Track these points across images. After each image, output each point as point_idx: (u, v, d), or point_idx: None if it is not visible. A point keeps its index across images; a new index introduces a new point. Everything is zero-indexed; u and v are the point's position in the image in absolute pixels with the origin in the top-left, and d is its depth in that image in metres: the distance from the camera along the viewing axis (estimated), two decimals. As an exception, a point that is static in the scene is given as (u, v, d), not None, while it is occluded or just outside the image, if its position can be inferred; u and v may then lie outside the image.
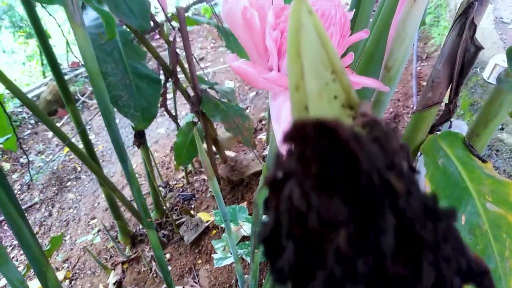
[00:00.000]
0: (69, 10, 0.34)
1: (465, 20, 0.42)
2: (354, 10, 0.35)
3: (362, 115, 0.08)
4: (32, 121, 2.91)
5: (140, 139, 1.18)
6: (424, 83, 2.15)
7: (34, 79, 3.27)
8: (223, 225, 0.69)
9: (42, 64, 3.17)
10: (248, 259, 0.79)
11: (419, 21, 0.29)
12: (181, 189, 1.87)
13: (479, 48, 0.42)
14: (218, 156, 1.70)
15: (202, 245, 1.49)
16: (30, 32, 3.18)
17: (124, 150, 0.47)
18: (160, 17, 2.82)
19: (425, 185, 0.48)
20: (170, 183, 1.94)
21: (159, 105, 0.88)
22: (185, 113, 2.64)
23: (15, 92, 0.86)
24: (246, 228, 0.85)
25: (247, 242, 0.83)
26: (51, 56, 0.98)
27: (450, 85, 0.46)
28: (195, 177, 1.91)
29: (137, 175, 2.20)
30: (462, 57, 0.43)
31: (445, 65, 0.44)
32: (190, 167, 1.92)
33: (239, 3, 0.29)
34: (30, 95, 2.99)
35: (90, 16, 0.81)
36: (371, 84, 0.30)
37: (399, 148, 0.08)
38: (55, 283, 0.68)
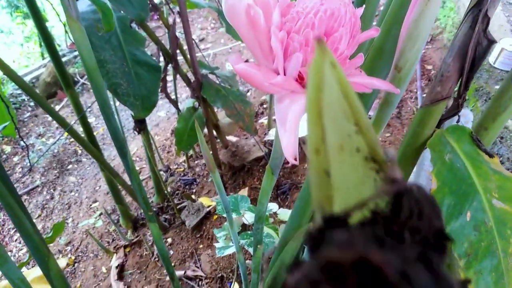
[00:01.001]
0: (64, 2, 0.32)
1: (478, 12, 0.40)
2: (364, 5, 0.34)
3: (391, 180, 0.07)
4: (32, 104, 2.88)
5: (140, 125, 1.17)
6: (428, 67, 2.11)
7: (32, 61, 3.23)
8: (225, 215, 0.69)
9: (41, 46, 3.12)
10: (250, 250, 0.79)
11: (432, 21, 0.27)
12: (182, 174, 1.87)
13: (492, 41, 0.41)
14: (219, 140, 1.69)
15: (204, 230, 1.50)
16: (27, 13, 3.11)
17: (124, 144, 0.46)
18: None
19: (431, 181, 0.48)
20: (171, 167, 1.93)
21: (159, 92, 0.86)
22: (185, 95, 2.62)
23: (13, 77, 0.84)
24: (247, 217, 0.85)
25: (249, 232, 0.83)
26: (48, 39, 0.96)
27: (460, 79, 0.45)
28: (196, 162, 1.90)
29: (137, 158, 2.20)
30: (473, 51, 0.42)
31: (456, 59, 0.43)
32: (191, 152, 1.91)
33: (242, 0, 0.27)
34: (29, 77, 2.95)
35: (86, 1, 0.78)
36: (381, 85, 0.29)
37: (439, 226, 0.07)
38: (57, 272, 0.68)
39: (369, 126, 0.08)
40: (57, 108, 2.78)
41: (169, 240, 1.55)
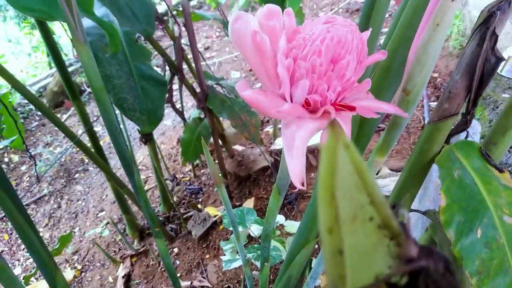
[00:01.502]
0: (71, 27, 0.32)
1: (486, 30, 0.40)
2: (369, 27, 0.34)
3: (406, 259, 0.07)
4: (39, 113, 2.91)
5: (146, 136, 1.17)
6: (434, 74, 2.10)
7: (40, 70, 3.27)
8: (231, 228, 0.69)
9: (48, 55, 3.16)
10: (257, 264, 0.78)
11: (441, 46, 0.27)
12: (188, 183, 1.87)
13: (500, 59, 0.40)
14: (224, 149, 1.69)
15: (210, 240, 1.49)
16: (34, 23, 3.15)
17: (131, 165, 0.46)
18: (163, 7, 2.77)
19: (440, 199, 0.47)
20: (177, 176, 1.94)
21: (165, 106, 0.86)
22: (191, 104, 2.63)
23: (19, 88, 0.85)
24: (254, 229, 0.84)
25: (255, 245, 0.82)
26: (55, 50, 0.96)
27: (468, 96, 0.44)
28: (202, 171, 1.90)
29: (144, 167, 2.21)
30: (482, 68, 0.41)
31: (463, 76, 0.42)
32: (197, 161, 1.91)
33: (248, 26, 0.27)
34: (36, 86, 2.99)
35: (89, 21, 0.78)
36: (389, 110, 0.29)
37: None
38: (65, 286, 0.68)
39: (383, 200, 0.08)
40: (64, 117, 2.80)
41: (176, 250, 1.55)
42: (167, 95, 1.16)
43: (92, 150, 1.17)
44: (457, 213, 0.48)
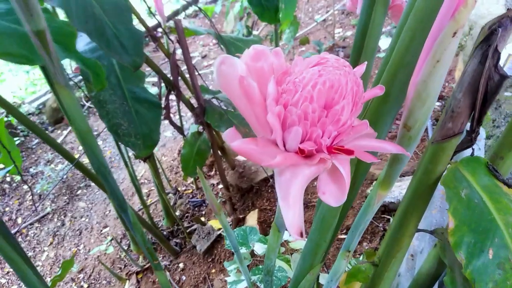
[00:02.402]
0: (50, 71, 0.31)
1: (488, 48, 0.38)
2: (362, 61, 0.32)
3: None
4: (40, 130, 2.91)
5: (145, 153, 1.16)
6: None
7: (39, 87, 3.27)
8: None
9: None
10: (262, 286, 0.77)
11: (442, 82, 0.25)
12: (190, 195, 1.85)
13: (504, 77, 0.38)
14: (224, 160, 1.67)
15: (215, 254, 1.47)
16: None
17: (123, 200, 0.44)
18: (154, 22, 2.75)
19: (448, 220, 0.45)
20: (179, 189, 1.92)
21: (160, 131, 0.84)
22: (190, 114, 2.61)
23: (14, 113, 0.83)
24: (257, 248, 0.83)
25: (260, 266, 0.80)
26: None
27: (472, 114, 0.42)
28: (204, 182, 1.88)
29: (146, 180, 2.19)
30: (485, 86, 0.39)
31: (466, 94, 0.40)
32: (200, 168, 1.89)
33: (235, 70, 0.25)
34: (36, 103, 2.99)
35: (84, 39, 0.77)
36: (392, 149, 0.27)
37: None
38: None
39: None
40: (64, 133, 2.80)
41: (181, 265, 1.53)
42: (164, 111, 1.14)
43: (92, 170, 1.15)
44: (466, 235, 0.46)
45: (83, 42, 0.77)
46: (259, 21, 2.57)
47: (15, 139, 2.64)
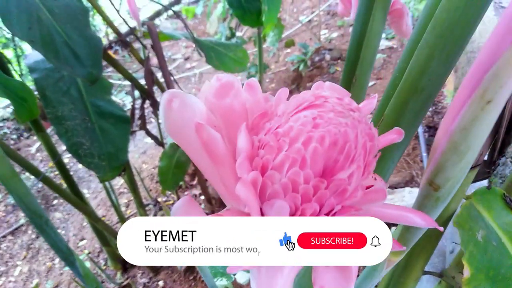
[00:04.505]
0: None
1: None
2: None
3: None
4: (14, 136, 2.78)
5: (119, 167, 1.06)
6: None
7: (12, 90, 3.11)
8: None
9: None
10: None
11: (489, 129, 0.17)
12: (171, 207, 1.76)
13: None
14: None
15: (197, 272, 1.39)
16: None
17: (70, 253, 0.36)
18: (125, 28, 2.64)
19: (464, 269, 0.38)
20: (159, 200, 1.83)
21: (128, 149, 0.75)
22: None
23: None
24: (239, 277, 0.75)
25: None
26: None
27: (492, 144, 0.35)
28: (186, 193, 1.80)
29: (126, 189, 2.09)
30: (510, 113, 0.32)
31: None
32: (180, 182, 1.80)
33: (191, 113, 0.17)
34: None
35: (37, 53, 0.66)
36: (418, 222, 0.19)
37: None
38: None
39: None
40: (38, 142, 2.66)
41: (161, 283, 1.45)
42: (139, 121, 1.05)
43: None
44: (483, 284, 0.39)
45: (37, 55, 0.66)
46: (243, 23, 2.49)
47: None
